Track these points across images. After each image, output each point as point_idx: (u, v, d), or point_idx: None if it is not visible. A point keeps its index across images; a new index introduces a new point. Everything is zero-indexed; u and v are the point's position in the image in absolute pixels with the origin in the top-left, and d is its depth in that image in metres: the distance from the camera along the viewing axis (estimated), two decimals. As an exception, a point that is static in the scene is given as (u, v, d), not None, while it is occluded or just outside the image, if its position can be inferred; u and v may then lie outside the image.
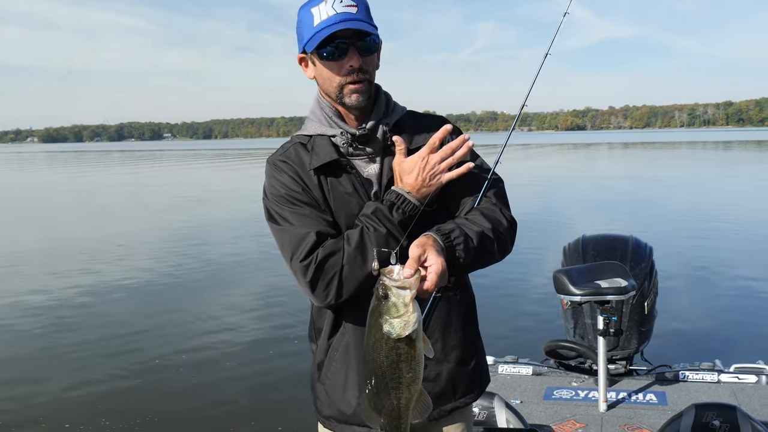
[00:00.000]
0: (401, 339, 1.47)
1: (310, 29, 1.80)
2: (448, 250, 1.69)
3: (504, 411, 3.53)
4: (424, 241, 1.62)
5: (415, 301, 1.47)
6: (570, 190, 25.54)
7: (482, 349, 2.13)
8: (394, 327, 1.46)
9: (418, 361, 1.52)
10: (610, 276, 4.17)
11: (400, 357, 1.50)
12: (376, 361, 1.52)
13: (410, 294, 1.46)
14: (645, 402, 4.28)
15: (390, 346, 1.49)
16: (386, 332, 1.47)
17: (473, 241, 1.75)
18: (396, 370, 1.51)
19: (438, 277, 1.57)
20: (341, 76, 1.82)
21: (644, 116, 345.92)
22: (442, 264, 1.59)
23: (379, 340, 1.49)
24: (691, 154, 57.19)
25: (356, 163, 1.91)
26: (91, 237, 16.17)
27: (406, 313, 1.46)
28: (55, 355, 7.27)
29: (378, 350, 1.50)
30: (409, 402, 1.57)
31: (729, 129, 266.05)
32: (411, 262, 1.53)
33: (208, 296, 9.87)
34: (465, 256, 1.73)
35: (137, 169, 55.00)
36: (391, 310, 1.46)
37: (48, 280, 11.11)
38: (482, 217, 1.83)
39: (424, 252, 1.58)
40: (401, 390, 1.54)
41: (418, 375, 1.54)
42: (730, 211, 17.13)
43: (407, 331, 1.46)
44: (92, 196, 28.51)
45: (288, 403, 5.69)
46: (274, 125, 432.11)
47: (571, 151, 71.91)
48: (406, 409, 1.58)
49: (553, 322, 6.35)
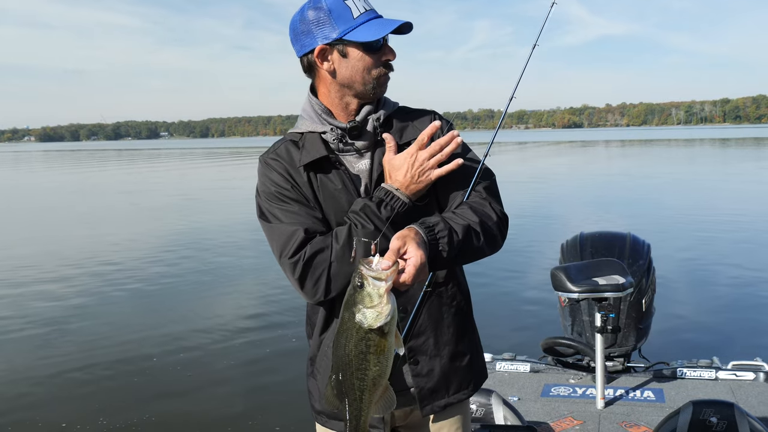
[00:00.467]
0: (372, 330, 1.48)
1: (351, 20, 1.85)
2: (431, 243, 1.68)
3: (501, 408, 3.53)
4: (406, 234, 1.63)
5: (390, 294, 1.48)
6: (567, 187, 25.56)
7: (478, 344, 2.12)
8: (366, 317, 1.47)
9: (387, 355, 1.53)
10: (608, 273, 4.17)
11: (369, 348, 1.50)
12: (344, 349, 1.52)
13: (385, 285, 1.46)
14: (642, 399, 4.28)
15: (360, 336, 1.49)
16: (358, 321, 1.47)
17: (458, 235, 1.75)
18: (363, 362, 1.52)
19: (416, 269, 1.56)
20: (379, 67, 1.90)
21: (641, 114, 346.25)
22: (421, 257, 1.58)
23: (350, 329, 1.50)
24: (689, 151, 57.25)
25: (347, 159, 1.94)
26: (86, 236, 16.16)
27: (379, 304, 1.46)
28: (51, 354, 7.25)
29: (348, 339, 1.51)
30: (372, 395, 1.58)
31: (726, 126, 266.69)
32: (389, 254, 1.53)
33: (205, 295, 9.86)
34: (449, 250, 1.72)
35: (134, 167, 54.92)
36: (365, 300, 1.47)
37: (43, 279, 11.10)
38: (470, 211, 1.84)
39: (404, 244, 1.58)
40: (365, 381, 1.54)
41: (384, 369, 1.54)
42: (729, 209, 17.14)
43: (379, 322, 1.46)
44: (88, 195, 28.48)
45: (286, 402, 5.69)
46: (271, 124, 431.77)
47: (569, 148, 71.95)
48: (369, 402, 1.59)
49: (550, 319, 6.35)
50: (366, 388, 1.56)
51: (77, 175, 45.50)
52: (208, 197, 25.48)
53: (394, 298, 1.50)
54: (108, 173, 46.96)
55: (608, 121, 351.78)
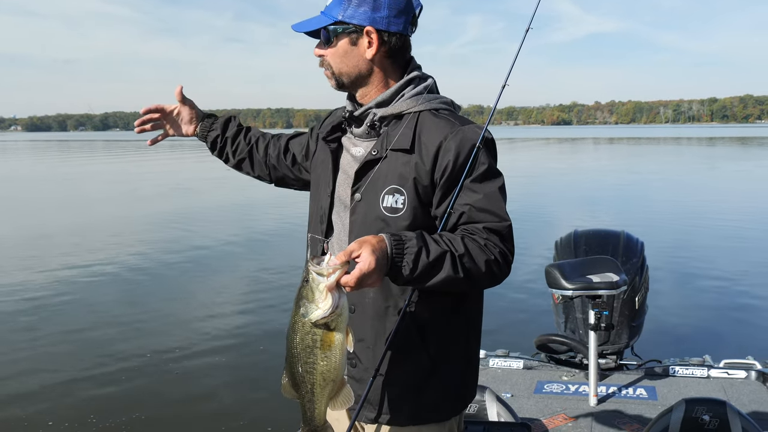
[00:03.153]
0: (318, 325, 1.54)
1: (411, 7, 1.93)
2: (395, 256, 1.64)
3: (495, 404, 3.52)
4: (367, 239, 1.62)
5: (335, 292, 1.53)
6: (560, 184, 25.65)
7: (445, 378, 1.92)
8: (307, 310, 1.54)
9: (335, 351, 1.57)
10: (602, 271, 4.18)
11: (316, 343, 1.56)
12: (293, 341, 1.59)
13: (325, 281, 1.52)
14: (635, 396, 4.30)
15: (306, 330, 1.56)
16: (301, 314, 1.55)
17: (428, 257, 1.67)
18: (310, 355, 1.58)
19: (361, 273, 1.55)
20: None
21: (630, 112, 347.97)
22: (370, 264, 1.56)
23: (297, 322, 1.57)
24: (678, 150, 57.60)
25: (347, 140, 2.03)
26: (73, 227, 16.02)
27: (320, 299, 1.52)
28: (37, 350, 7.13)
29: (296, 331, 1.58)
30: (324, 389, 1.62)
31: (713, 125, 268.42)
32: (341, 254, 1.57)
33: (195, 289, 9.81)
34: (411, 268, 1.65)
35: (122, 158, 54.51)
36: (308, 294, 1.54)
37: (28, 271, 10.96)
38: (459, 241, 1.74)
39: (359, 248, 1.59)
40: (315, 375, 1.60)
41: (333, 365, 1.59)
42: (721, 208, 17.28)
43: (318, 316, 1.53)
44: (76, 185, 28.25)
45: (277, 401, 5.64)
46: (261, 116, 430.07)
47: (559, 145, 72.19)
48: (321, 396, 1.63)
49: (544, 316, 6.35)
50: (316, 381, 1.60)
51: (63, 164, 45.11)
52: (197, 187, 25.36)
53: (344, 296, 1.55)
54: (94, 163, 46.57)
55: (597, 118, 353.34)
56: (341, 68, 1.93)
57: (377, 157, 1.86)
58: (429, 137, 1.84)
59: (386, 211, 1.83)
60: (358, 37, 1.88)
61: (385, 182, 1.84)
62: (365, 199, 1.87)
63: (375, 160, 1.87)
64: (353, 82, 1.95)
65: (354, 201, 1.89)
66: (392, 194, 1.83)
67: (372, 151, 1.88)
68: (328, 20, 1.89)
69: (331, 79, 1.97)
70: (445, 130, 1.83)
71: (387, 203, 1.83)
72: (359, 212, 1.88)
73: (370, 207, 1.85)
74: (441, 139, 1.82)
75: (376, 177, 1.86)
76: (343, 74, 1.94)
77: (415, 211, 1.82)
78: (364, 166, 1.88)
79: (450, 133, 1.82)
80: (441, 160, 1.81)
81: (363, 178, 1.88)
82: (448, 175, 1.80)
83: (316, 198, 2.06)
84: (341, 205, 1.96)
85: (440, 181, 1.81)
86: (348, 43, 1.90)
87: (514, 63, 2.35)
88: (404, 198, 1.82)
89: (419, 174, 1.82)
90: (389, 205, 1.83)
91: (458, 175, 1.80)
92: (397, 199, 1.82)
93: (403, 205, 1.82)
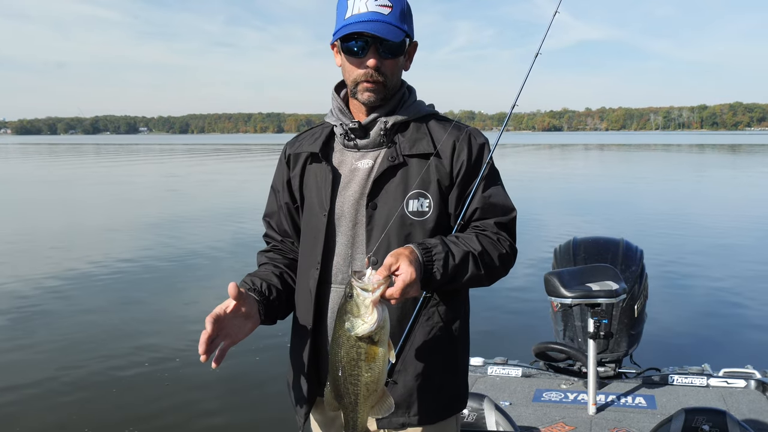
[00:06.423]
0: (362, 338, 1.58)
1: (341, 20, 1.85)
2: (426, 264, 1.72)
3: (494, 413, 3.51)
4: (401, 252, 1.68)
5: (379, 306, 1.57)
6: (555, 191, 25.65)
7: (459, 370, 2.01)
8: (354, 325, 1.58)
9: (378, 363, 1.62)
10: (601, 279, 4.17)
11: (360, 356, 1.61)
12: (337, 355, 1.63)
13: (371, 296, 1.56)
14: (634, 405, 4.29)
15: (351, 344, 1.60)
16: (346, 329, 1.59)
17: (454, 260, 1.78)
18: (355, 368, 1.62)
19: (405, 284, 1.61)
20: (358, 72, 1.87)
21: (620, 118, 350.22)
22: (411, 274, 1.63)
23: (341, 336, 1.61)
24: (669, 156, 57.91)
25: (348, 155, 1.96)
26: (62, 230, 15.91)
27: (365, 314, 1.56)
28: (26, 356, 7.02)
29: (340, 345, 1.62)
30: (367, 399, 1.66)
31: (703, 132, 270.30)
32: (381, 269, 1.61)
33: (189, 293, 9.72)
34: (443, 273, 1.76)
35: (112, 162, 54.30)
36: (353, 309, 1.58)
37: (18, 275, 10.82)
38: (475, 239, 1.85)
39: (396, 261, 1.64)
40: (359, 387, 1.64)
41: (377, 376, 1.63)
42: (720, 216, 17.27)
43: (364, 331, 1.56)
44: (65, 189, 28.09)
45: (270, 407, 5.60)
46: (252, 121, 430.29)
47: (550, 152, 72.43)
48: (364, 405, 1.67)
49: (542, 324, 6.32)
50: (360, 393, 1.65)
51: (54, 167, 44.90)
52: (188, 191, 25.25)
53: (386, 309, 1.60)
54: (84, 167, 46.36)
55: (588, 125, 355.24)
56: (393, 81, 1.91)
57: (396, 163, 1.88)
58: (443, 140, 1.91)
59: (413, 215, 1.87)
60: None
61: (407, 188, 1.87)
62: (383, 207, 1.88)
63: (394, 167, 1.88)
64: (392, 94, 1.93)
65: (369, 211, 1.88)
66: (416, 198, 1.87)
67: (388, 157, 1.89)
68: (401, 33, 1.84)
69: (379, 92, 1.87)
70: (455, 133, 1.93)
71: (412, 207, 1.87)
72: (377, 221, 1.88)
73: (391, 214, 1.87)
74: (454, 141, 1.91)
75: (396, 183, 1.88)
76: (392, 87, 1.91)
77: (440, 213, 1.89)
78: (384, 174, 1.88)
79: (461, 135, 1.93)
80: (456, 161, 1.90)
81: (384, 187, 1.89)
82: (463, 175, 1.90)
83: (311, 216, 1.99)
84: (344, 219, 1.93)
85: (457, 180, 1.90)
86: (407, 58, 1.96)
87: (524, 85, 2.44)
88: (429, 201, 1.88)
89: (441, 176, 1.89)
90: (415, 209, 1.87)
91: (472, 174, 1.91)
92: (422, 202, 1.88)
93: (429, 208, 1.88)
